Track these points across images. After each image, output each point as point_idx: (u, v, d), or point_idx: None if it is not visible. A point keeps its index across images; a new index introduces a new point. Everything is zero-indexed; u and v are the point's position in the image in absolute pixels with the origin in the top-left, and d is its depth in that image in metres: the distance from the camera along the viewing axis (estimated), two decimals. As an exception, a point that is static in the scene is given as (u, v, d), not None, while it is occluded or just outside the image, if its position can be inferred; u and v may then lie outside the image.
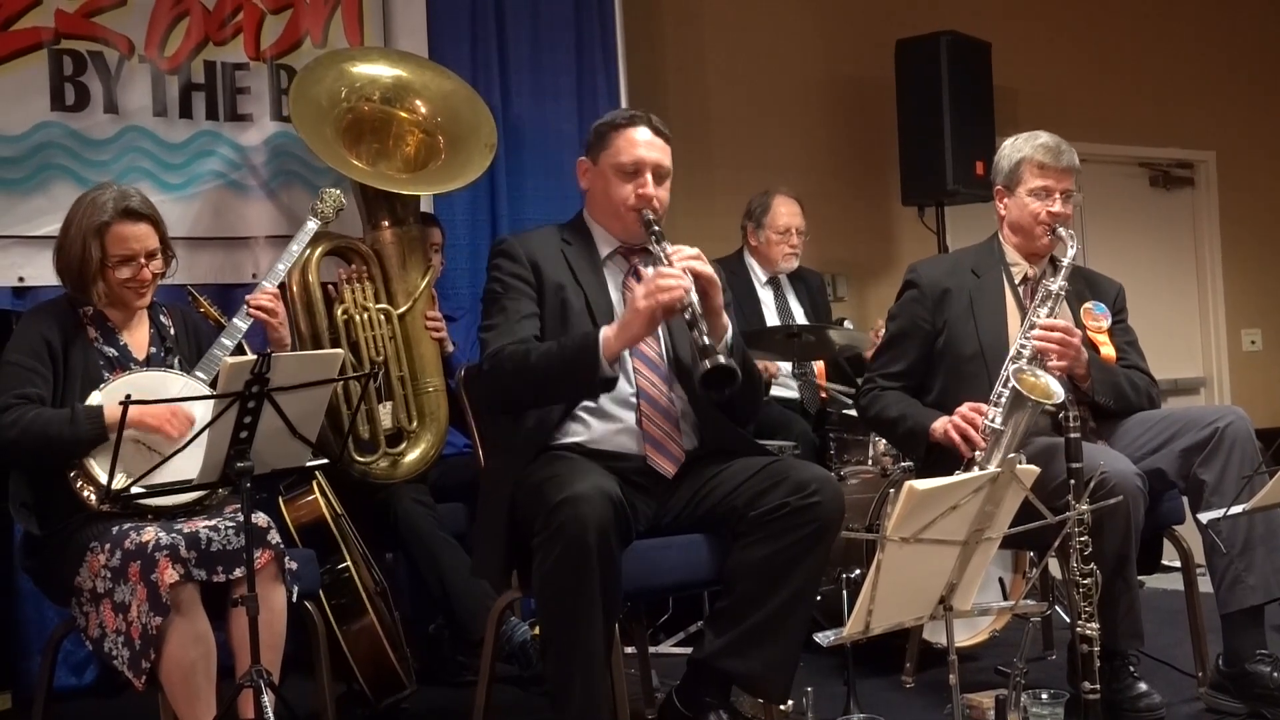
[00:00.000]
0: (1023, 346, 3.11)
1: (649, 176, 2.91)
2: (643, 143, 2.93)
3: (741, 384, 2.68)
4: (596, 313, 2.89)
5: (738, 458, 2.88)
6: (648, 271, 2.95)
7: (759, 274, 4.81)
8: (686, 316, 2.65)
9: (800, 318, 4.77)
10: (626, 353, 2.83)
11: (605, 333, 2.70)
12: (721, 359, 2.57)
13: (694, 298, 2.66)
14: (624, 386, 2.86)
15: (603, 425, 2.87)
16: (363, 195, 3.92)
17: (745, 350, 2.94)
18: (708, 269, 2.77)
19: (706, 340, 2.60)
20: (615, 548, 2.58)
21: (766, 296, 4.79)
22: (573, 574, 2.53)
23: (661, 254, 2.78)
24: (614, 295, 2.96)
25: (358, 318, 3.78)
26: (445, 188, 4.07)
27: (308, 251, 3.69)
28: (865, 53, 5.86)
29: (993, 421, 3.03)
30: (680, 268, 2.70)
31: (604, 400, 2.86)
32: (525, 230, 3.20)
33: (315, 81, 3.92)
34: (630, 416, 2.87)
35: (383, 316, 3.82)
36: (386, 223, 3.91)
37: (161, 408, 2.83)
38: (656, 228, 2.86)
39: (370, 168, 3.95)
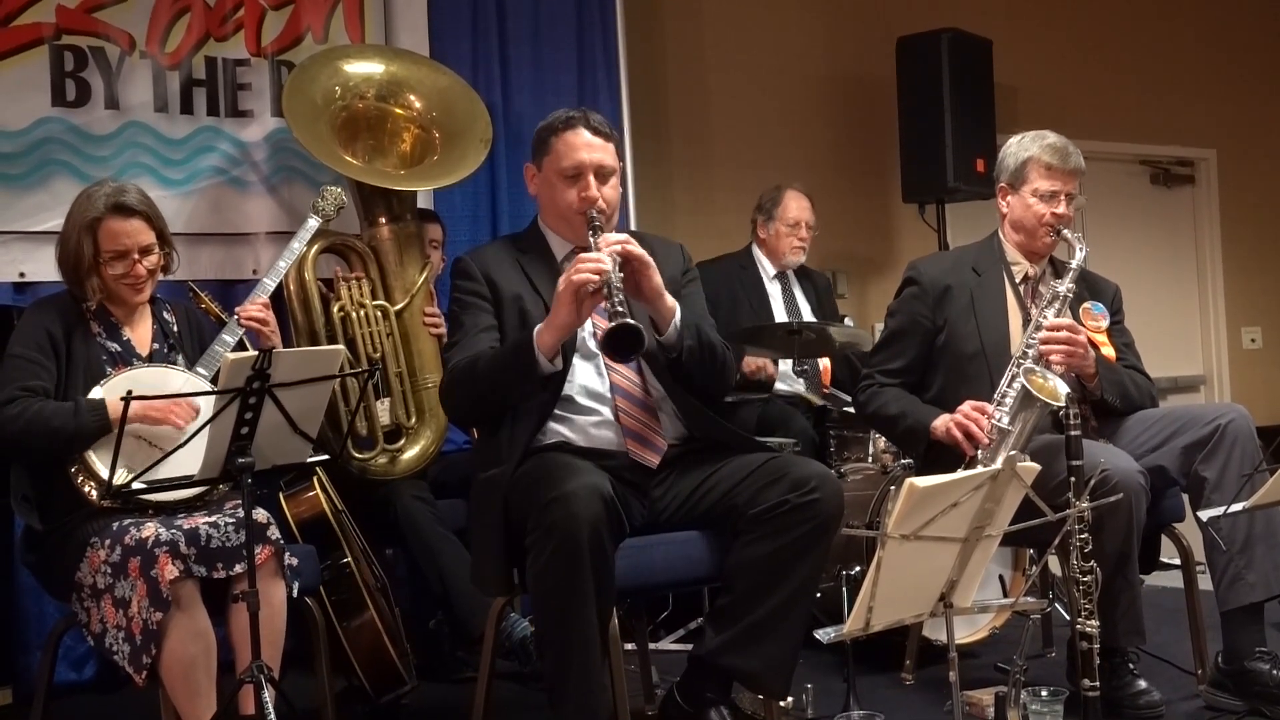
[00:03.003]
0: (1029, 346, 3.11)
1: (591, 178, 2.92)
2: (582, 145, 2.93)
3: (697, 361, 2.82)
4: None
5: (736, 454, 2.88)
6: None
7: (767, 268, 4.83)
8: (605, 292, 2.67)
9: (808, 314, 4.78)
10: (596, 350, 2.87)
11: (539, 328, 2.74)
12: (629, 320, 2.58)
13: (612, 275, 2.67)
14: (598, 384, 2.89)
15: (583, 421, 2.88)
16: (359, 192, 3.91)
17: (703, 330, 2.92)
18: (638, 250, 2.76)
19: (619, 309, 2.62)
20: (608, 544, 2.59)
21: (774, 291, 4.80)
22: (566, 571, 2.53)
23: (593, 244, 2.80)
24: None
25: (354, 314, 3.78)
26: (441, 183, 4.07)
27: (305, 248, 3.68)
28: (866, 50, 5.86)
29: (999, 421, 3.03)
30: (606, 252, 2.72)
31: (580, 399, 2.88)
32: (480, 247, 3.24)
33: (310, 80, 3.92)
34: (608, 411, 2.88)
35: (379, 313, 3.82)
36: (383, 219, 3.91)
37: (163, 402, 2.83)
38: (596, 223, 2.87)
39: (366, 164, 3.95)
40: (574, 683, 2.58)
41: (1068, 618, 3.55)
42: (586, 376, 2.90)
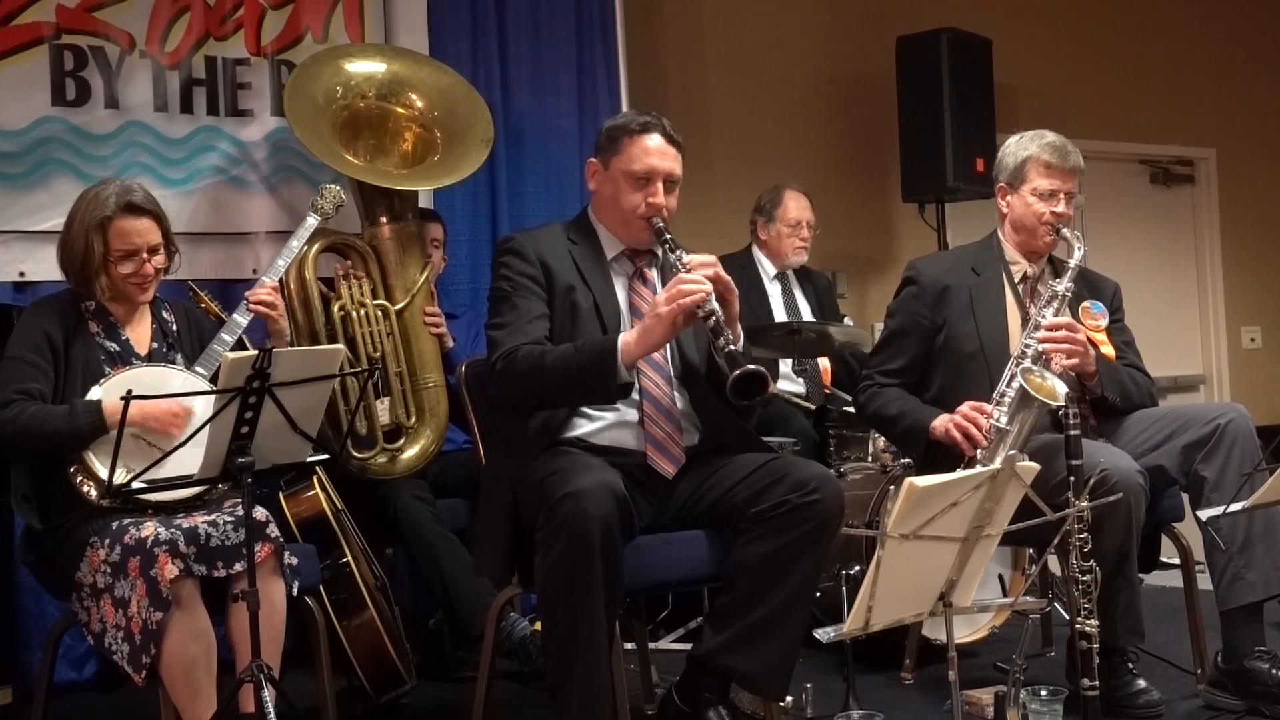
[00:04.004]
0: (1027, 346, 3.11)
1: (660, 185, 2.90)
2: (655, 151, 2.91)
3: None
4: (604, 314, 2.90)
5: (738, 454, 2.88)
6: (654, 274, 2.96)
7: (767, 269, 4.83)
8: (710, 323, 2.67)
9: (808, 314, 4.78)
10: None
11: (625, 338, 2.71)
12: (752, 366, 2.59)
13: (715, 304, 2.68)
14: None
15: (605, 418, 2.88)
16: (360, 192, 3.91)
17: (750, 353, 2.94)
18: (726, 276, 2.77)
19: (734, 346, 2.62)
20: (618, 543, 2.59)
21: (774, 291, 4.81)
22: (576, 569, 2.53)
23: (678, 262, 2.78)
24: (620, 297, 2.96)
25: (355, 314, 3.78)
26: (442, 182, 4.07)
27: (305, 248, 3.69)
28: (866, 49, 5.85)
29: (998, 421, 3.03)
30: (700, 275, 2.71)
31: None
32: (530, 228, 3.18)
33: (311, 79, 3.92)
34: (633, 414, 2.87)
35: (380, 312, 3.82)
36: (384, 219, 3.91)
37: (164, 407, 2.83)
38: (669, 236, 2.86)
39: (367, 164, 3.95)
40: (578, 682, 2.58)
41: (1067, 617, 3.56)
42: None
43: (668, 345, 2.92)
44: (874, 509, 3.75)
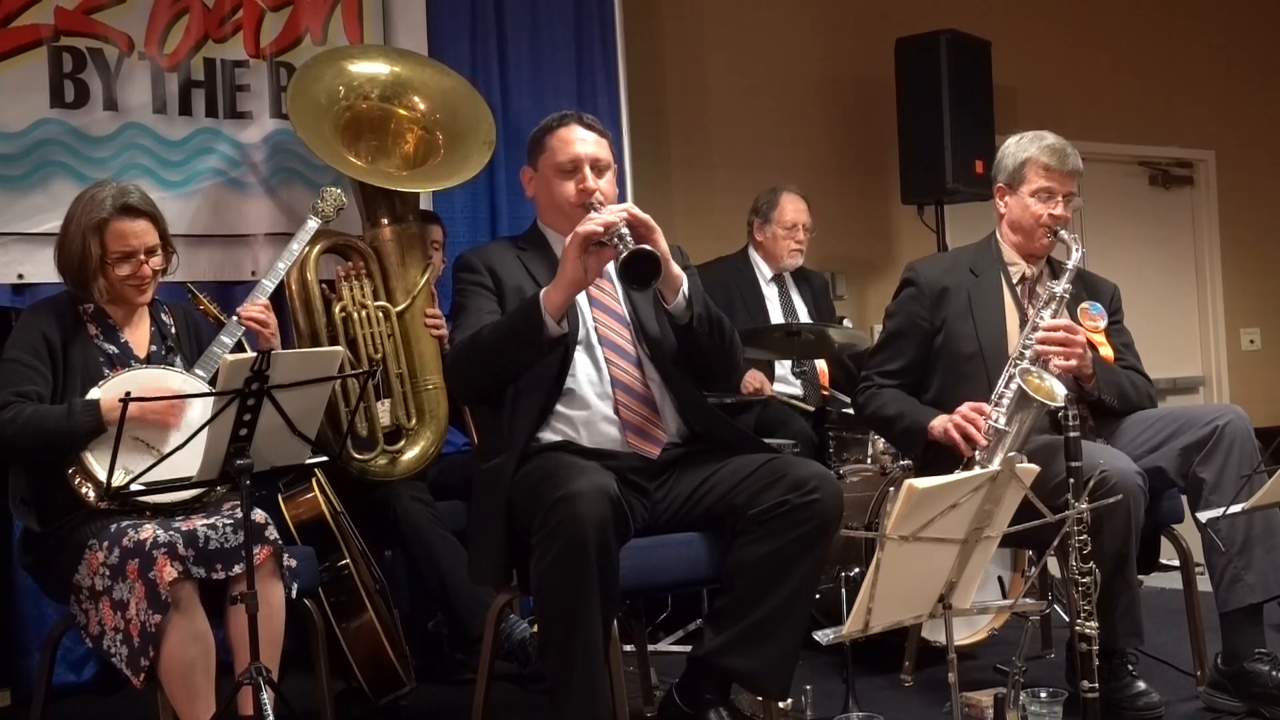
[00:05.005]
0: (1025, 347, 3.11)
1: (588, 170, 2.95)
2: (576, 139, 2.98)
3: (706, 331, 2.83)
4: None
5: (735, 454, 2.88)
6: (609, 267, 2.97)
7: (764, 271, 4.83)
8: (617, 244, 2.69)
9: (804, 316, 4.78)
10: (597, 343, 2.90)
11: (546, 289, 2.75)
12: (644, 246, 2.64)
13: (621, 228, 2.70)
14: (598, 378, 2.90)
15: (585, 416, 2.88)
16: (362, 193, 3.92)
17: (709, 302, 2.94)
18: (642, 214, 2.77)
19: (630, 242, 2.66)
20: (613, 545, 2.59)
21: (771, 293, 4.81)
22: (571, 571, 2.53)
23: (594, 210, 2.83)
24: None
25: (356, 315, 3.78)
26: (444, 184, 4.07)
27: (306, 249, 3.69)
28: (865, 51, 5.86)
29: (996, 422, 3.03)
30: (610, 211, 2.76)
31: (581, 393, 2.88)
32: (480, 245, 3.28)
33: (314, 80, 3.92)
34: (607, 407, 2.89)
35: (381, 314, 3.82)
36: (385, 220, 3.91)
37: (158, 405, 2.83)
38: (597, 210, 2.87)
39: (369, 165, 3.95)
40: (576, 685, 2.58)
41: (1067, 619, 3.55)
42: (587, 370, 2.91)
43: (630, 329, 2.95)
44: (873, 511, 3.74)
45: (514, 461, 2.77)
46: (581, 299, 2.95)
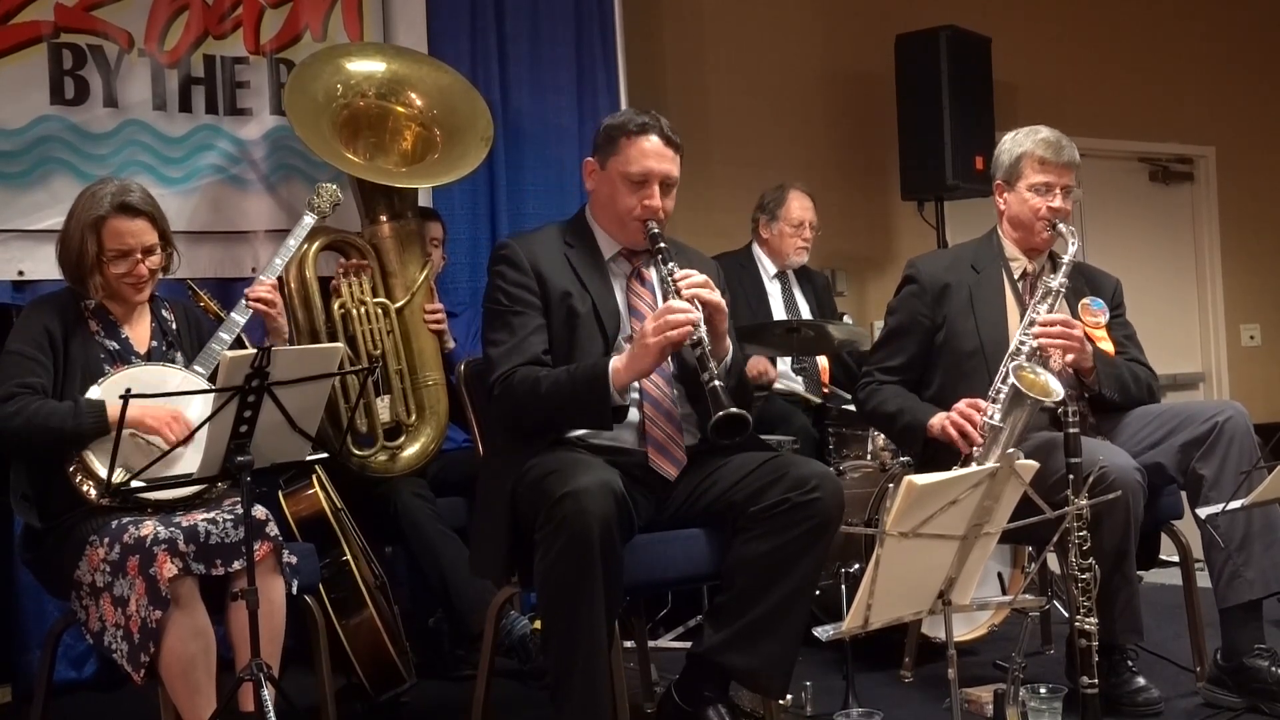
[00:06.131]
0: (1022, 343, 3.11)
1: (656, 188, 2.89)
2: (653, 153, 2.89)
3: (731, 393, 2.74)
4: (603, 316, 2.89)
5: (737, 452, 2.88)
6: (651, 274, 2.96)
7: (767, 268, 4.83)
8: (696, 354, 2.68)
9: (806, 313, 4.78)
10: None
11: (614, 364, 2.71)
12: (734, 409, 2.59)
13: (703, 331, 2.68)
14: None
15: None
16: (360, 190, 3.92)
17: (741, 366, 2.95)
18: (715, 297, 2.77)
19: (718, 383, 2.63)
20: (618, 541, 2.59)
21: (774, 290, 4.80)
22: (576, 567, 2.53)
23: (669, 280, 2.78)
24: (619, 298, 2.96)
25: (355, 312, 3.78)
26: (442, 180, 4.07)
27: (305, 246, 3.69)
28: (865, 47, 5.85)
29: (991, 418, 3.03)
30: (688, 296, 2.71)
31: None
32: (525, 232, 3.16)
33: (312, 77, 3.92)
34: (634, 414, 2.87)
35: (380, 310, 3.82)
36: (384, 217, 3.91)
37: (162, 412, 2.83)
38: (662, 244, 2.85)
39: (367, 162, 3.95)
40: (578, 681, 2.58)
41: (1066, 615, 3.56)
42: None
43: None
44: (873, 507, 3.75)
45: (526, 457, 2.76)
46: (621, 304, 2.94)
